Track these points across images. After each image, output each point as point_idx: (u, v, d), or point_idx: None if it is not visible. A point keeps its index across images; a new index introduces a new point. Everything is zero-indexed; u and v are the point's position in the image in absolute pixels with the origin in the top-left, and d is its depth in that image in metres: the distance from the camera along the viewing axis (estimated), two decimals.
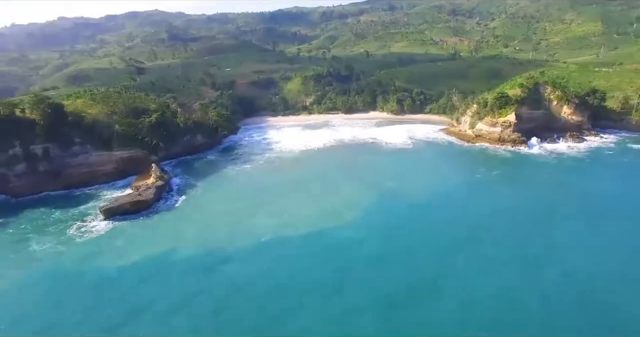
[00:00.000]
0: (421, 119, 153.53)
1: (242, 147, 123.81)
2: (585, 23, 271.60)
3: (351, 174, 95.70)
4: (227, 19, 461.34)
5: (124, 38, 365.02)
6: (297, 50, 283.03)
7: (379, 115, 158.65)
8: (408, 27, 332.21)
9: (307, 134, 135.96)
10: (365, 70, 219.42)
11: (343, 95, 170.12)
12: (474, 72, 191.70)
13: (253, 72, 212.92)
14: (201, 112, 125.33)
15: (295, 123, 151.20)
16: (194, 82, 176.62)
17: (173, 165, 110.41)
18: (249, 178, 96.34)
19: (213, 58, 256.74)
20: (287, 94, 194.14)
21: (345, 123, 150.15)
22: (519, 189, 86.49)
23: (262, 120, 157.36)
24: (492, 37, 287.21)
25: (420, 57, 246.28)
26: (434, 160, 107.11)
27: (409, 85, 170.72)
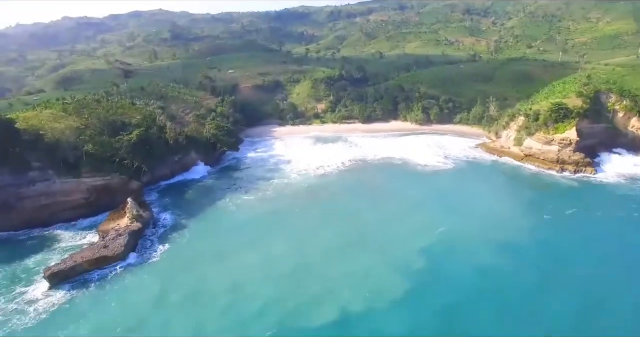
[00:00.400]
0: (450, 130, 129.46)
1: (245, 167, 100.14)
2: (615, 21, 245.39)
3: (385, 213, 71.87)
4: (231, 18, 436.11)
5: (126, 38, 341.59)
6: (305, 51, 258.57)
7: (402, 126, 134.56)
8: (420, 26, 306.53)
9: (321, 149, 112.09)
10: (380, 73, 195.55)
11: (359, 101, 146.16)
12: (500, 75, 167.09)
13: (258, 74, 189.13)
14: (196, 125, 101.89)
15: (307, 135, 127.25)
16: (192, 86, 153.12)
17: (160, 191, 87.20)
18: (252, 217, 72.47)
19: (215, 58, 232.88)
20: (295, 99, 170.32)
21: (364, 135, 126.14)
22: (614, 243, 62.64)
23: (268, 130, 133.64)
24: (511, 37, 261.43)
25: (437, 59, 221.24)
26: (483, 190, 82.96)
27: (433, 91, 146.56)
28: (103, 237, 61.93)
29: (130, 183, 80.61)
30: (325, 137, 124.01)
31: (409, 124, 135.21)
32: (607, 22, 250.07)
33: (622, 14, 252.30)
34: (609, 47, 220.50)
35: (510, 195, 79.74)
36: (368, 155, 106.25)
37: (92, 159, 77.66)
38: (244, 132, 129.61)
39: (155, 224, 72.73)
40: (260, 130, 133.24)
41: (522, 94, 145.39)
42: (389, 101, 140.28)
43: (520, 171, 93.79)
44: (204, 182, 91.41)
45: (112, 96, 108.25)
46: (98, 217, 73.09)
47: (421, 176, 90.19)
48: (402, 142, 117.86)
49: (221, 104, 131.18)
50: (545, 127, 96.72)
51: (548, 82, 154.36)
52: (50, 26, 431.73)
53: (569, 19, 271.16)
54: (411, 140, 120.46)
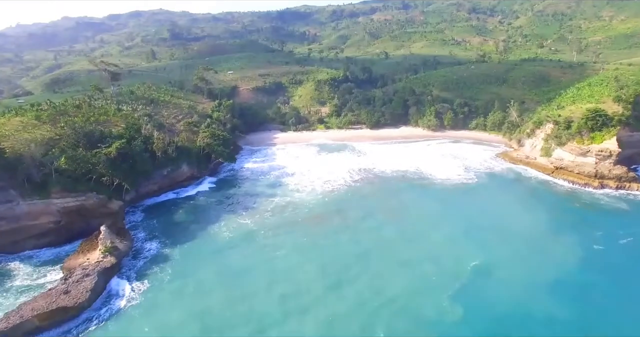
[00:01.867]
0: (466, 137, 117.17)
1: (243, 181, 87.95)
2: (629, 20, 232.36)
3: (407, 247, 59.48)
4: (232, 18, 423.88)
5: (124, 38, 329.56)
6: (308, 51, 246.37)
7: (413, 132, 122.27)
8: (426, 26, 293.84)
9: (326, 160, 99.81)
10: (386, 74, 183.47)
11: (366, 105, 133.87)
12: (514, 76, 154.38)
13: (259, 76, 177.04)
14: (188, 134, 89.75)
15: (311, 142, 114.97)
16: (188, 88, 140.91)
17: (146, 209, 75.13)
18: (250, 246, 60.08)
19: (214, 59, 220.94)
20: (298, 102, 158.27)
21: (373, 143, 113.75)
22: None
23: (269, 137, 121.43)
24: (520, 36, 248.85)
25: (445, 59, 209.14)
26: (515, 212, 70.36)
27: (445, 94, 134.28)
28: (66, 278, 49.90)
29: (109, 203, 68.65)
30: (331, 145, 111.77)
31: (420, 130, 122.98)
32: (621, 20, 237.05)
33: (635, 11, 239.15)
34: (625, 46, 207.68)
35: (548, 219, 67.30)
36: (379, 167, 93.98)
37: (64, 176, 65.62)
38: (243, 139, 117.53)
39: (136, 253, 60.91)
40: (261, 137, 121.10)
41: (540, 97, 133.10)
42: (398, 105, 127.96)
43: (552, 186, 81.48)
44: (196, 199, 79.33)
45: (97, 101, 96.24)
46: (68, 247, 61.26)
47: (442, 193, 77.72)
48: (415, 151, 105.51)
49: (218, 108, 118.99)
50: (580, 136, 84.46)
51: (567, 84, 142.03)
52: (50, 26, 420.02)
53: (580, 17, 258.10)
54: (425, 149, 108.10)
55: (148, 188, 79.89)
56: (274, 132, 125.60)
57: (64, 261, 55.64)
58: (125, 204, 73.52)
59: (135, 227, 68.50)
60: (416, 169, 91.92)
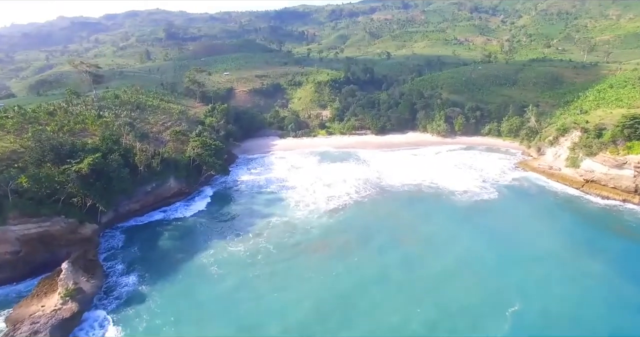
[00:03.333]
0: (479, 143, 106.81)
1: (237, 196, 77.20)
2: (638, 18, 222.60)
3: (429, 285, 49.02)
4: (230, 17, 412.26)
5: (119, 38, 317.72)
6: (307, 50, 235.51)
7: (421, 138, 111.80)
8: (427, 25, 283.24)
9: (330, 171, 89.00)
10: (389, 75, 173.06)
11: (370, 108, 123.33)
12: (525, 77, 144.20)
13: (256, 77, 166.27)
14: (175, 144, 79.00)
15: (312, 150, 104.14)
16: (179, 92, 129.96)
17: (127, 231, 64.44)
18: (240, 285, 49.13)
19: (210, 59, 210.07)
20: (297, 105, 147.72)
21: (379, 150, 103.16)
22: None
23: (266, 144, 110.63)
24: (525, 36, 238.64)
25: (449, 59, 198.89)
26: (550, 237, 59.44)
27: (455, 97, 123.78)
28: (11, 331, 39.46)
29: (81, 228, 58.03)
30: (333, 154, 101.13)
31: (429, 136, 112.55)
32: (629, 18, 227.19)
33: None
34: (635, 45, 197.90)
35: (594, 247, 56.52)
36: (387, 179, 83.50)
37: (24, 198, 54.98)
38: (239, 146, 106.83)
39: (109, 290, 50.38)
40: (258, 144, 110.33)
41: (556, 100, 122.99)
42: (405, 109, 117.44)
43: (584, 203, 71.20)
44: (184, 219, 68.69)
45: (75, 106, 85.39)
46: (26, 284, 50.71)
47: (462, 213, 67.23)
48: (425, 161, 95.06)
49: (211, 113, 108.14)
50: (614, 146, 74.21)
51: (582, 85, 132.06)
52: (45, 26, 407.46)
53: (585, 16, 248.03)
54: (436, 157, 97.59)
55: (129, 207, 69.25)
56: (272, 139, 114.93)
57: (12, 307, 44.99)
58: (101, 227, 63.01)
59: (113, 257, 57.72)
60: (429, 182, 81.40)
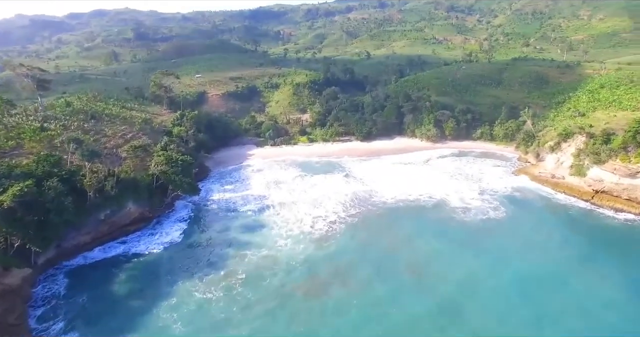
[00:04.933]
0: (471, 148, 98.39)
1: (209, 221, 65.22)
2: (608, 18, 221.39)
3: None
4: (203, 17, 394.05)
5: (84, 38, 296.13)
6: (283, 51, 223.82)
7: (410, 144, 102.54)
8: (405, 24, 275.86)
9: (313, 185, 78.03)
10: (370, 75, 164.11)
11: (354, 112, 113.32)
12: (510, 77, 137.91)
13: (230, 79, 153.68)
14: (135, 161, 66.51)
15: (292, 160, 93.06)
16: (145, 97, 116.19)
17: (70, 274, 51.60)
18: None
19: (182, 61, 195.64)
20: (275, 108, 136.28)
21: (366, 159, 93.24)
22: None
23: (242, 154, 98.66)
24: (502, 35, 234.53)
25: (430, 59, 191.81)
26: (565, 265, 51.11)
27: (444, 99, 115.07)
28: None
29: (5, 277, 45.47)
30: (316, 164, 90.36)
31: (418, 142, 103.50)
32: (600, 19, 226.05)
33: (614, 10, 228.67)
34: (608, 45, 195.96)
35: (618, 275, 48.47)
36: (378, 193, 73.60)
37: None
38: (211, 158, 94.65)
39: None
40: (233, 155, 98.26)
41: (546, 101, 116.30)
42: (392, 113, 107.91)
43: (600, 218, 63.21)
44: (145, 254, 56.59)
45: (13, 117, 71.37)
46: None
47: (467, 235, 57.70)
48: (417, 170, 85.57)
49: (180, 121, 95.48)
50: (624, 153, 66.80)
51: (569, 85, 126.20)
52: (2, 24, 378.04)
53: (558, 16, 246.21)
54: (428, 165, 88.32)
55: (78, 240, 56.58)
56: (249, 148, 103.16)
57: None
58: (38, 270, 50.33)
59: (52, 312, 44.90)
60: (425, 195, 71.97)
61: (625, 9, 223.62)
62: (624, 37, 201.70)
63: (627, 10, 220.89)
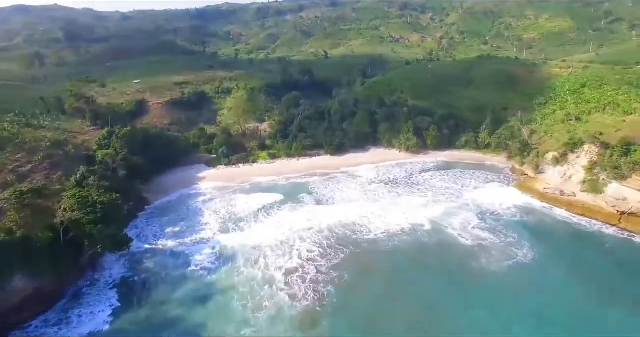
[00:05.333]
0: (456, 159, 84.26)
1: (145, 288, 45.01)
2: (553, 19, 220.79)
3: None
4: (146, 16, 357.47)
5: (1, 37, 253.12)
6: (235, 52, 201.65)
7: (387, 156, 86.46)
8: (359, 23, 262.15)
9: (280, 220, 59.20)
10: (330, 77, 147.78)
11: (320, 121, 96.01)
12: (479, 76, 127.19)
13: (175, 85, 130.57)
14: (24, 213, 44.56)
15: (252, 183, 73.39)
16: (59, 112, 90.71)
17: None
18: None
19: (119, 64, 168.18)
20: (228, 117, 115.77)
21: (340, 178, 76.66)
22: None
23: (190, 179, 77.35)
24: (457, 33, 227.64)
25: (391, 58, 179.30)
26: None
27: (419, 102, 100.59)
28: None
29: None
30: (282, 188, 71.61)
31: (396, 153, 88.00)
32: (546, 19, 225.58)
33: (557, 11, 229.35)
34: (558, 44, 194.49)
35: None
36: (362, 225, 57.09)
37: None
38: (152, 184, 73.19)
39: None
40: (178, 179, 76.95)
41: (525, 103, 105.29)
42: (364, 120, 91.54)
43: None
44: None
45: None
46: None
47: (504, 292, 42.50)
48: (400, 190, 69.91)
49: (107, 141, 72.97)
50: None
51: (541, 84, 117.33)
52: None
53: (507, 15, 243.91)
54: (412, 182, 73.06)
55: None
56: (198, 169, 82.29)
57: None
58: None
59: None
60: (416, 225, 56.37)
61: (566, 9, 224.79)
62: (570, 36, 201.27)
63: (568, 11, 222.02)
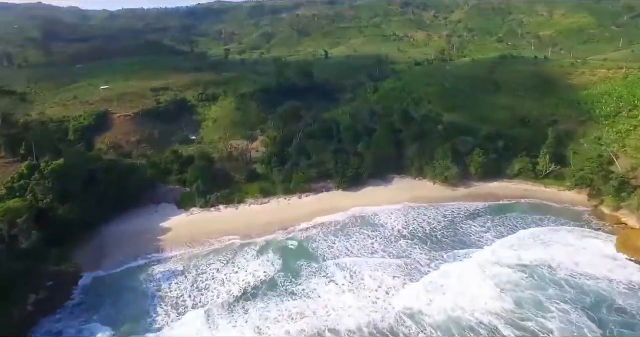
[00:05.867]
0: (510, 194, 60.69)
1: None
2: (569, 15, 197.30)
3: None
4: (134, 15, 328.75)
5: None
6: (225, 52, 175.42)
7: (419, 189, 61.72)
8: (359, 20, 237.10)
9: (261, 320, 36.01)
10: (332, 79, 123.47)
11: (326, 139, 71.79)
12: (506, 80, 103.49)
13: (151, 91, 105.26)
14: None
15: (238, 244, 48.87)
16: None
17: None
18: None
19: (92, 66, 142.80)
20: (211, 132, 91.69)
21: (353, 227, 52.61)
22: None
23: (149, 233, 51.75)
24: (465, 31, 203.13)
25: (398, 58, 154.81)
26: None
27: (451, 115, 76.52)
28: None
29: None
30: (282, 250, 47.37)
31: (429, 185, 63.58)
32: (561, 15, 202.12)
33: (570, 6, 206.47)
34: (580, 41, 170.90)
35: None
36: None
37: None
38: (87, 245, 48.45)
39: None
40: (131, 233, 51.48)
41: (575, 112, 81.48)
42: (386, 141, 67.12)
43: None
44: None
45: None
46: None
47: None
48: (443, 252, 46.25)
49: (26, 180, 48.22)
50: None
51: (585, 89, 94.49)
52: None
53: (517, 12, 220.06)
54: (457, 241, 49.10)
55: None
56: (163, 212, 57.25)
57: None
58: None
59: None
60: (484, 328, 32.83)
61: (581, 5, 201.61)
62: (592, 33, 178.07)
63: (584, 7, 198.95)
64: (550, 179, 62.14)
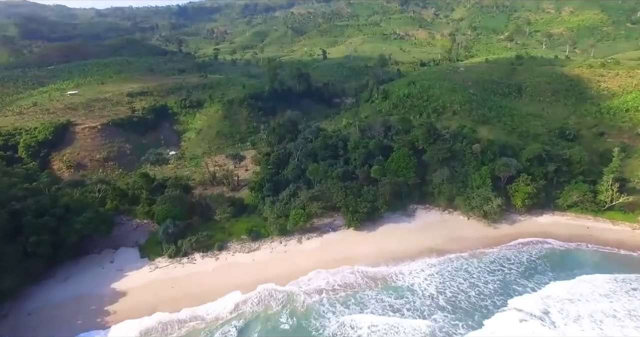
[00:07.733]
0: (568, 236, 46.86)
1: None
2: (579, 12, 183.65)
3: None
4: (123, 14, 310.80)
5: None
6: (214, 52, 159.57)
7: (450, 228, 47.84)
8: (356, 18, 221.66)
9: None
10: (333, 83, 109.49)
11: (332, 160, 57.20)
12: (528, 83, 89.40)
13: (127, 97, 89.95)
14: None
15: (213, 318, 34.80)
16: None
17: None
18: None
19: (64, 67, 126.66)
20: (194, 145, 77.22)
21: (369, 292, 38.29)
22: None
23: (94, 299, 37.90)
24: (469, 29, 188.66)
25: (402, 59, 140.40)
26: None
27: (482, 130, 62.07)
28: None
29: None
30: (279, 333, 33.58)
31: (462, 220, 49.10)
32: (570, 12, 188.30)
33: (579, 3, 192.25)
34: (594, 39, 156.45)
35: None
36: None
37: None
38: (6, 319, 33.66)
39: None
40: (70, 301, 37.32)
41: (619, 121, 68.01)
42: (407, 164, 52.58)
43: None
44: None
45: None
46: None
47: None
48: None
49: None
50: None
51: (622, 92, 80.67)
52: None
53: (522, 9, 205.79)
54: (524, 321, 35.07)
55: None
56: (121, 262, 41.94)
57: None
58: None
59: None
60: None
61: (592, 2, 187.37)
62: (605, 30, 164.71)
63: (594, 3, 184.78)
64: (616, 212, 47.99)
